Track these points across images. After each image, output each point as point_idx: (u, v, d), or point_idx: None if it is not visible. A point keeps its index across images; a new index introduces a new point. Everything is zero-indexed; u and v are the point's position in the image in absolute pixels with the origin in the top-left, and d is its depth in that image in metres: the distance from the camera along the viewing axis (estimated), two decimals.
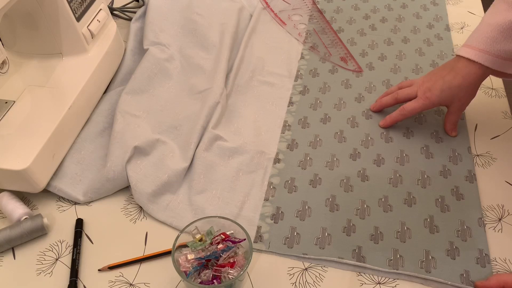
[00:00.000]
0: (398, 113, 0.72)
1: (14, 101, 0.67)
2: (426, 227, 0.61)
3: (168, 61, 0.81)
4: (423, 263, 0.58)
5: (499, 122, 0.75)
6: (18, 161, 0.59)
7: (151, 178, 0.64)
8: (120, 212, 0.64)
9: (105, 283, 0.56)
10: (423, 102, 0.69)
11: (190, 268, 0.52)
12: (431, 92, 0.69)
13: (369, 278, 0.57)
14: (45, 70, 0.72)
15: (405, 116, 0.72)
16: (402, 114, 0.71)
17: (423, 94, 0.69)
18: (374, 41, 0.90)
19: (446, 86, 0.68)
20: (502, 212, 0.64)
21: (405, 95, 0.72)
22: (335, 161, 0.69)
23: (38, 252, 0.59)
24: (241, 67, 0.83)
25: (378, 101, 0.76)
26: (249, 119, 0.75)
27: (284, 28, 0.93)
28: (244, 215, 0.63)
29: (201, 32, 0.86)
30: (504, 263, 0.58)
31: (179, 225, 0.61)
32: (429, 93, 0.69)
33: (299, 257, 0.59)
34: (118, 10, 0.95)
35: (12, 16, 0.69)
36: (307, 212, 0.63)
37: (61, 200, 0.65)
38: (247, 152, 0.69)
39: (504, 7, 0.64)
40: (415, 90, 0.71)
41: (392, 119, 0.73)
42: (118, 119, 0.69)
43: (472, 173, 0.68)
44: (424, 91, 0.69)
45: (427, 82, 0.70)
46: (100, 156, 0.68)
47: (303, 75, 0.83)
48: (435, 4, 0.99)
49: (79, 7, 0.72)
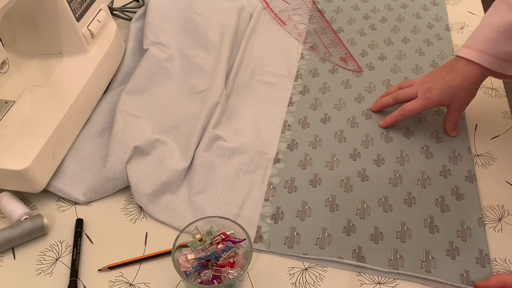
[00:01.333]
0: (398, 113, 0.72)
1: (14, 101, 0.67)
2: (426, 227, 0.61)
3: (168, 61, 0.81)
4: (423, 263, 0.58)
5: (499, 122, 0.75)
6: (18, 161, 0.59)
7: (151, 178, 0.64)
8: (120, 212, 0.64)
9: (105, 283, 0.56)
10: (423, 102, 0.69)
11: (190, 268, 0.52)
12: (431, 92, 0.69)
13: (369, 278, 0.57)
14: (45, 70, 0.72)
15: (405, 116, 0.72)
16: (402, 114, 0.72)
17: (423, 94, 0.69)
18: (374, 41, 0.90)
19: (446, 86, 0.68)
20: (502, 212, 0.64)
21: (405, 95, 0.72)
22: (335, 161, 0.69)
23: (38, 252, 0.59)
24: (241, 67, 0.83)
25: (378, 101, 0.76)
26: (249, 119, 0.75)
27: (284, 28, 0.93)
28: (244, 215, 0.63)
29: (201, 32, 0.86)
30: (504, 263, 0.58)
31: (179, 225, 0.61)
32: (429, 93, 0.69)
33: (299, 257, 0.59)
34: (118, 10, 0.96)
35: (12, 16, 0.69)
36: (307, 212, 0.63)
37: (61, 200, 0.65)
38: (247, 152, 0.69)
39: (504, 8, 0.64)
40: (415, 90, 0.71)
41: (392, 119, 0.73)
42: (118, 119, 0.69)
43: (472, 173, 0.68)
44: (424, 91, 0.69)
45: (427, 82, 0.70)
46: (100, 156, 0.68)
47: (303, 75, 0.83)
48: (435, 4, 0.99)
49: (79, 7, 0.71)
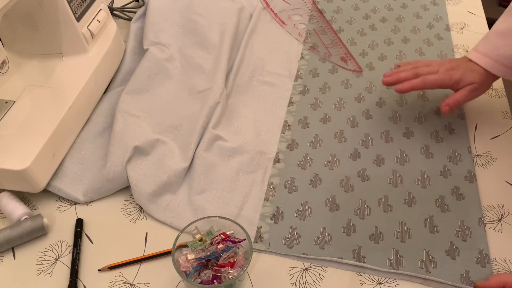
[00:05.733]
0: (420, 80, 0.70)
1: (14, 101, 0.67)
2: (426, 227, 0.61)
3: (168, 61, 0.81)
4: (423, 263, 0.58)
5: (499, 122, 0.75)
6: (18, 161, 0.59)
7: (151, 178, 0.64)
8: (120, 212, 0.64)
9: (105, 283, 0.56)
10: (445, 77, 0.69)
11: (190, 268, 0.52)
12: (453, 71, 0.70)
13: (369, 278, 0.57)
14: (45, 70, 0.72)
15: (425, 86, 0.70)
16: (424, 83, 0.70)
17: (446, 71, 0.70)
18: (374, 41, 0.90)
19: (469, 69, 0.69)
20: (502, 212, 0.64)
21: (426, 71, 0.71)
22: (335, 161, 0.69)
23: (38, 252, 0.59)
24: (241, 67, 0.83)
25: (394, 75, 0.72)
26: (249, 119, 0.75)
27: (284, 28, 0.93)
28: (244, 215, 0.63)
29: (201, 32, 0.86)
30: (504, 263, 0.58)
31: (179, 225, 0.61)
32: (452, 71, 0.70)
33: (299, 257, 0.59)
34: (118, 10, 0.96)
35: (12, 16, 0.69)
36: (307, 212, 0.63)
37: (61, 200, 0.65)
38: (247, 152, 0.69)
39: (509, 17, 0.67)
40: (435, 68, 0.71)
41: (412, 85, 0.70)
42: (118, 119, 0.69)
43: (472, 173, 0.68)
44: (447, 69, 0.70)
45: (449, 63, 0.71)
46: (100, 156, 0.68)
47: (303, 75, 0.83)
48: (435, 4, 0.99)
49: (79, 7, 0.71)
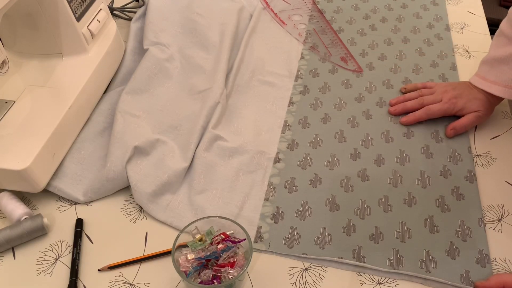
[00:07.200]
0: (423, 111, 0.74)
1: (14, 101, 0.67)
2: (426, 227, 0.61)
3: (168, 61, 0.81)
4: (423, 263, 0.58)
5: (499, 122, 0.75)
6: (18, 161, 0.59)
7: (151, 178, 0.64)
8: (120, 212, 0.64)
9: (105, 283, 0.56)
10: (449, 106, 0.73)
11: (190, 268, 0.52)
12: (457, 99, 0.73)
13: (369, 278, 0.57)
14: (45, 70, 0.72)
15: (429, 116, 0.74)
16: (427, 114, 0.74)
17: (449, 99, 0.73)
18: (374, 41, 0.90)
19: (473, 97, 0.73)
20: (502, 212, 0.64)
21: (431, 101, 0.75)
22: (335, 161, 0.69)
23: (38, 252, 0.59)
24: (241, 67, 0.83)
25: (400, 105, 0.76)
26: (249, 119, 0.75)
27: (284, 28, 0.93)
28: (244, 215, 0.63)
29: (201, 32, 0.86)
30: (504, 263, 0.58)
31: (179, 225, 0.61)
32: (455, 99, 0.73)
33: (299, 257, 0.59)
34: (118, 10, 0.96)
35: (12, 16, 0.69)
36: (307, 212, 0.63)
37: (61, 200, 0.65)
38: (247, 152, 0.69)
39: (505, 41, 0.71)
40: (439, 97, 0.74)
41: (416, 117, 0.74)
42: (118, 119, 0.69)
43: (472, 173, 0.68)
44: (450, 98, 0.73)
45: (453, 91, 0.74)
46: (100, 156, 0.68)
47: (303, 75, 0.83)
48: (435, 4, 0.99)
49: (79, 7, 0.71)
